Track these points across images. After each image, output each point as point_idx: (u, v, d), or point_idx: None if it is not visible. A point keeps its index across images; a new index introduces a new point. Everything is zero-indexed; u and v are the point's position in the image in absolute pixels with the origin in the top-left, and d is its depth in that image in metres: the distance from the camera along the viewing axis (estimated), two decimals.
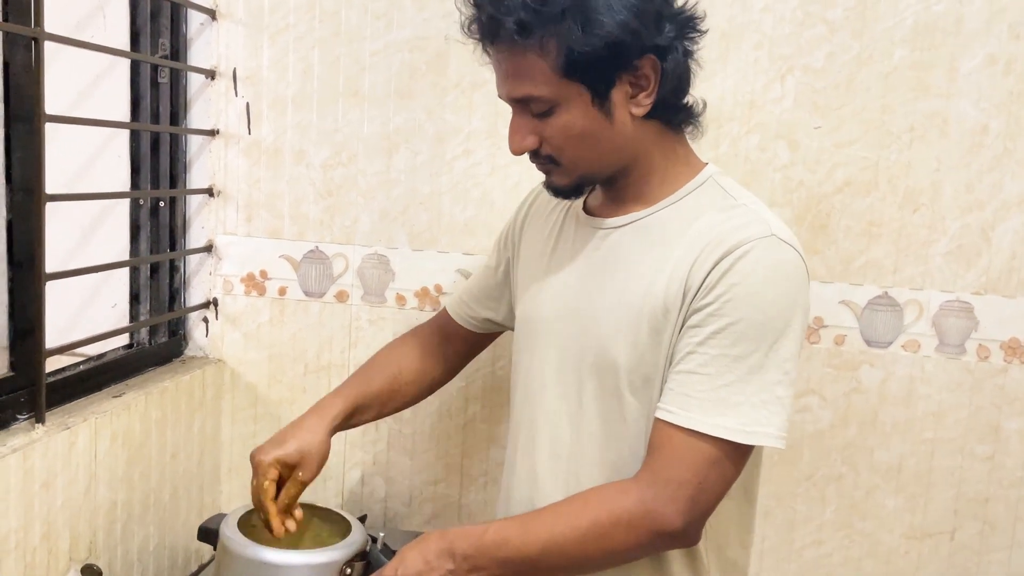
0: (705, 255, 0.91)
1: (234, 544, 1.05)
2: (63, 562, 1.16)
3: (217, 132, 1.52)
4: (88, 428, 1.19)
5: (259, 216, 1.53)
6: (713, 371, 0.89)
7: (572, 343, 1.01)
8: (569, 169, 0.97)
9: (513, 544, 0.92)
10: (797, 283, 0.91)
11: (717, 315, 0.89)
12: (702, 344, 0.90)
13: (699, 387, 0.89)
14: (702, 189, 0.98)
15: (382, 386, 1.20)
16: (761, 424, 0.89)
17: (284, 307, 1.55)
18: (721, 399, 0.88)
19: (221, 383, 1.57)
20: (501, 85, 0.96)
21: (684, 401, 0.90)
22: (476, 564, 0.93)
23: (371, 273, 1.52)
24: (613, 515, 0.90)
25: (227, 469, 1.60)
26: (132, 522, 1.32)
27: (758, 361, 0.88)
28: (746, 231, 0.91)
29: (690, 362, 0.90)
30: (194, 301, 1.57)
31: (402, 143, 1.48)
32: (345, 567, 1.06)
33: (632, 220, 0.99)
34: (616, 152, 0.96)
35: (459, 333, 1.27)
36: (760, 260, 0.89)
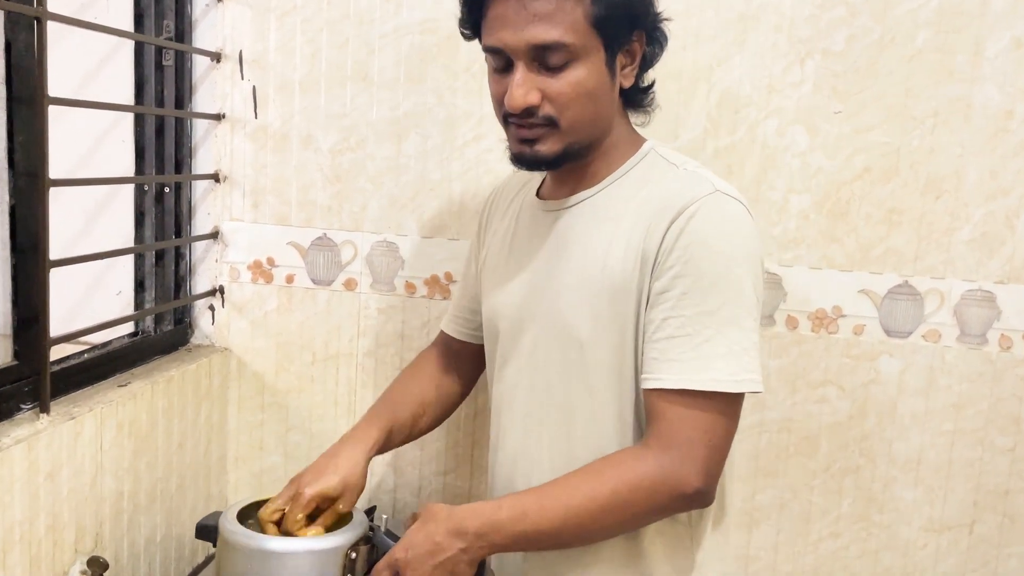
0: (656, 222, 0.94)
1: (236, 536, 1.03)
2: (68, 554, 1.14)
3: (223, 116, 1.49)
4: (94, 418, 1.17)
5: (266, 202, 1.51)
6: (691, 330, 0.91)
7: (537, 324, 1.04)
8: (565, 131, 0.95)
9: (531, 518, 0.93)
10: (747, 231, 0.95)
11: (681, 276, 0.92)
12: (674, 308, 0.92)
13: (682, 349, 0.91)
14: (644, 161, 1.01)
15: (410, 411, 1.20)
16: (746, 371, 0.92)
17: (291, 295, 1.52)
18: (705, 355, 0.91)
19: (227, 372, 1.55)
20: (519, 31, 0.91)
21: (672, 366, 0.92)
22: (491, 541, 0.93)
23: (380, 261, 1.49)
24: (632, 482, 0.91)
25: (233, 459, 1.58)
26: (138, 513, 1.30)
27: (730, 312, 0.91)
28: (691, 191, 0.94)
29: (667, 328, 0.93)
30: (200, 289, 1.54)
31: (412, 128, 1.45)
32: (350, 551, 1.04)
33: (581, 199, 1.02)
34: (605, 119, 0.99)
35: (464, 349, 1.27)
36: (709, 216, 0.92)
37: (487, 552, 0.95)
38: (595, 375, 0.99)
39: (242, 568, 1.03)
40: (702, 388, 0.90)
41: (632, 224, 0.96)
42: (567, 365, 1.01)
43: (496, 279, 1.12)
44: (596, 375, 0.99)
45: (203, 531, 1.12)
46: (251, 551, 1.01)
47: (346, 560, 1.03)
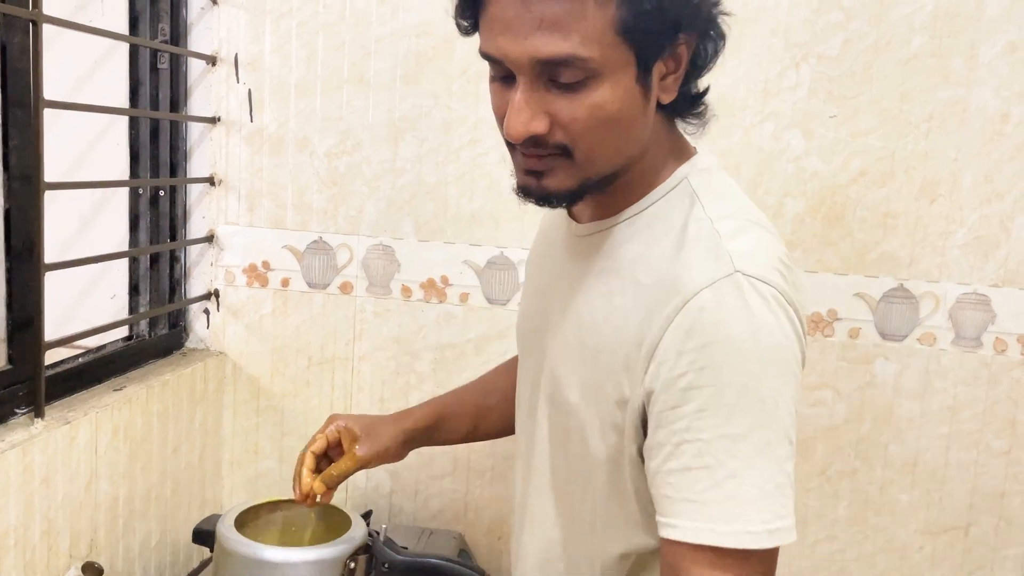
0: (656, 306, 0.73)
1: (232, 543, 1.03)
2: (63, 559, 1.13)
3: (218, 119, 1.49)
4: (89, 422, 1.16)
5: (261, 206, 1.50)
6: (712, 460, 0.69)
7: (536, 365, 0.90)
8: (580, 164, 0.74)
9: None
10: (781, 326, 0.71)
11: (696, 387, 0.70)
12: (689, 429, 0.70)
13: (702, 486, 0.70)
14: (670, 196, 0.79)
15: (473, 401, 1.12)
16: (780, 516, 0.70)
17: (287, 298, 1.52)
18: (731, 495, 0.69)
19: (223, 376, 1.54)
20: (520, 40, 0.69)
21: (691, 510, 0.70)
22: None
23: (376, 264, 1.49)
24: None
25: (229, 463, 1.57)
26: (133, 518, 1.29)
27: (761, 437, 0.69)
28: (701, 272, 0.72)
29: (682, 456, 0.71)
30: (195, 292, 1.54)
31: (408, 131, 1.45)
32: (348, 561, 1.04)
33: (594, 231, 0.83)
34: (632, 145, 0.76)
35: None
36: (729, 310, 0.70)
37: None
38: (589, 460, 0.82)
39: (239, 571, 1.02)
40: (730, 545, 0.68)
41: (633, 298, 0.77)
42: (557, 436, 0.86)
43: (526, 288, 1.00)
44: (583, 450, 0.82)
45: (200, 536, 1.12)
46: (248, 560, 1.01)
47: (345, 570, 1.03)
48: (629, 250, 0.79)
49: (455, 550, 1.38)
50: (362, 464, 1.03)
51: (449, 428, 1.09)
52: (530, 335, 0.92)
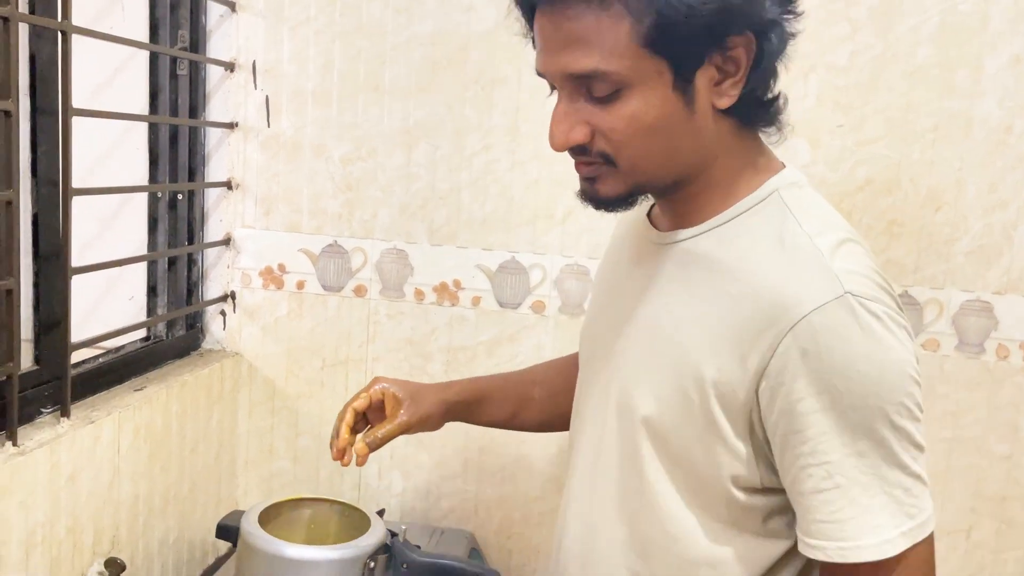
0: (759, 325, 0.73)
1: (256, 540, 1.06)
2: (87, 556, 1.16)
3: (236, 125, 1.52)
4: (112, 422, 1.19)
5: (277, 210, 1.53)
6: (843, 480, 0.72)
7: (604, 375, 0.88)
8: (625, 172, 0.76)
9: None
10: (897, 344, 0.72)
11: (817, 411, 0.72)
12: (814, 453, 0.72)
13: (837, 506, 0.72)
14: (760, 208, 0.78)
15: (516, 389, 1.09)
16: (912, 516, 0.72)
17: (302, 301, 1.55)
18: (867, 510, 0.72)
19: (238, 376, 1.57)
20: (553, 57, 0.74)
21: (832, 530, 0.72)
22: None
23: (390, 268, 1.52)
24: None
25: (243, 463, 1.60)
26: (153, 516, 1.32)
27: (886, 449, 0.72)
28: (809, 294, 0.72)
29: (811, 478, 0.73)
30: (212, 294, 1.57)
31: (422, 138, 1.47)
32: (368, 561, 1.07)
33: (675, 240, 0.82)
34: (687, 153, 0.77)
35: None
36: (841, 333, 0.71)
37: None
38: (660, 465, 0.82)
39: (262, 573, 1.05)
40: (874, 559, 0.71)
41: (727, 304, 0.76)
42: (627, 442, 0.84)
43: (595, 296, 0.99)
44: (662, 466, 0.81)
45: (223, 531, 1.15)
46: (273, 558, 1.04)
47: (365, 570, 1.06)
48: (715, 260, 0.78)
49: (466, 549, 1.41)
50: (404, 429, 0.98)
51: (489, 409, 1.06)
52: (597, 341, 0.91)
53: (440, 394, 1.02)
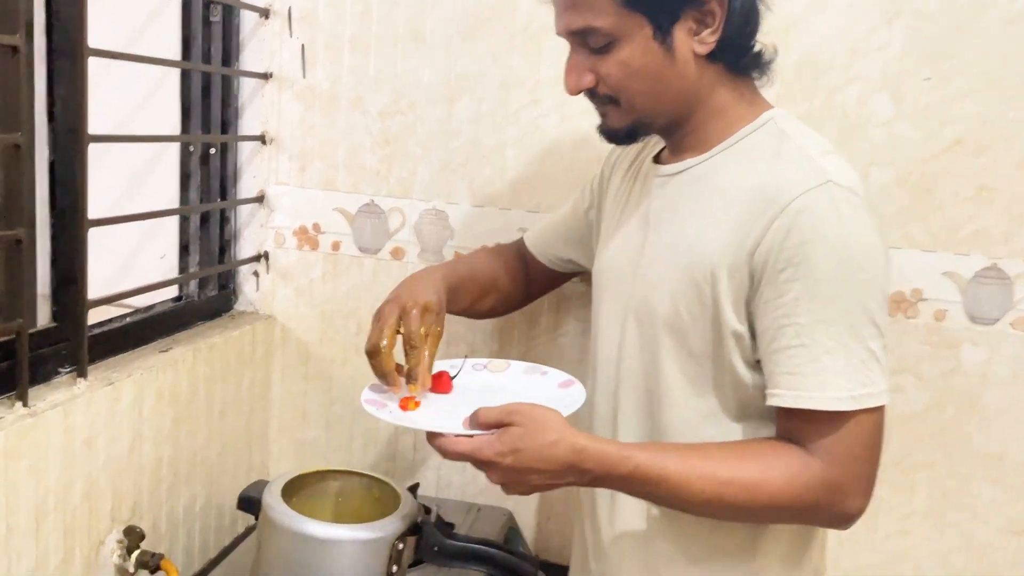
0: (756, 213, 0.86)
1: (278, 514, 0.99)
2: (105, 523, 1.11)
3: (270, 75, 1.44)
4: (133, 384, 1.13)
5: (313, 166, 1.45)
6: (808, 340, 0.84)
7: (625, 293, 1.00)
8: (626, 110, 0.93)
9: (668, 485, 0.85)
10: (866, 227, 0.85)
11: (794, 280, 0.84)
12: (789, 315, 0.85)
13: (799, 361, 0.85)
14: (758, 133, 0.93)
15: (483, 281, 1.17)
16: (865, 385, 0.84)
17: (337, 262, 1.47)
18: (825, 368, 0.84)
19: (271, 340, 1.51)
20: (559, 18, 0.92)
21: (791, 381, 0.85)
22: (608, 486, 0.90)
23: (429, 229, 1.43)
24: (796, 487, 0.85)
25: (276, 428, 1.55)
26: (178, 482, 1.27)
27: (850, 321, 0.84)
28: (799, 181, 0.85)
29: (782, 337, 0.85)
30: (245, 254, 1.50)
31: (465, 91, 1.38)
32: (397, 543, 0.99)
33: (686, 168, 0.96)
34: (676, 93, 0.92)
35: (539, 267, 1.25)
36: (821, 212, 0.84)
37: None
38: (676, 360, 0.94)
39: (284, 551, 0.99)
40: (823, 408, 0.84)
41: (731, 210, 0.89)
42: (647, 344, 0.96)
43: (605, 239, 1.08)
44: (677, 360, 0.94)
45: (246, 503, 1.09)
46: (294, 534, 0.97)
47: (392, 551, 0.98)
48: (723, 178, 0.92)
49: (503, 528, 1.33)
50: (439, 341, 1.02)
51: (457, 298, 1.10)
52: (614, 271, 1.03)
53: (442, 280, 1.06)
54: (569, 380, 1.01)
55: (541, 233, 1.25)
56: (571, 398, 0.95)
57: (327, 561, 0.97)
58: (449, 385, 1.01)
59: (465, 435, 0.86)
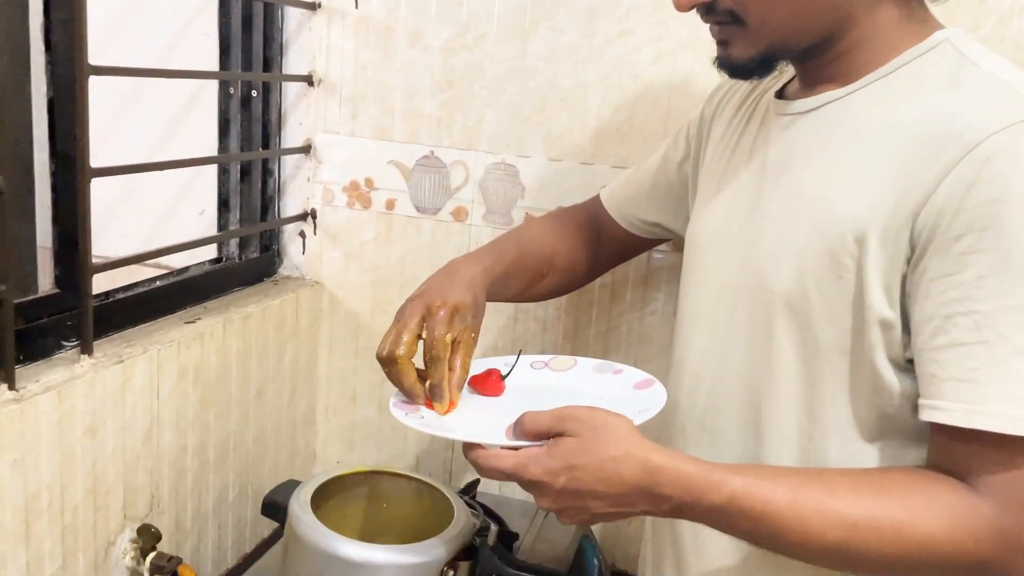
0: (925, 160, 0.64)
1: (305, 528, 0.82)
2: (115, 521, 0.96)
3: (319, 5, 1.25)
4: (148, 361, 0.97)
5: (365, 111, 1.26)
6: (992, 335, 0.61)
7: (730, 264, 0.79)
8: (755, 32, 0.71)
9: (771, 520, 0.63)
10: None
11: (977, 252, 0.62)
12: (965, 300, 0.62)
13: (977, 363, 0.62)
14: (927, 57, 0.70)
15: (536, 263, 0.96)
16: None
17: (392, 223, 1.29)
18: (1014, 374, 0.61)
19: (319, 309, 1.34)
20: None
21: (962, 390, 0.62)
22: (689, 517, 0.66)
23: (496, 187, 1.23)
24: (957, 543, 0.62)
25: (324, 409, 1.38)
26: (206, 470, 1.12)
27: None
28: (988, 118, 0.62)
29: (954, 328, 0.63)
30: (289, 212, 1.33)
31: (541, 21, 1.16)
32: (446, 569, 0.81)
33: (824, 103, 0.73)
34: (824, 8, 0.70)
35: (616, 232, 1.03)
36: (1021, 161, 0.61)
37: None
38: (795, 355, 0.72)
39: (310, 570, 0.82)
40: (1011, 432, 0.61)
41: (888, 150, 0.67)
42: (756, 333, 0.74)
43: (705, 196, 0.86)
44: (798, 355, 0.72)
45: (271, 508, 0.92)
46: (322, 554, 0.80)
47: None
48: (876, 114, 0.70)
49: (576, 538, 1.14)
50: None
51: (504, 288, 0.90)
52: (717, 235, 0.81)
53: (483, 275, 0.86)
54: (648, 380, 0.80)
55: (621, 190, 1.03)
56: (648, 401, 0.75)
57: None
58: (500, 386, 0.82)
59: (508, 447, 0.67)
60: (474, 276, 0.84)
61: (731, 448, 0.77)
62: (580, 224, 1.03)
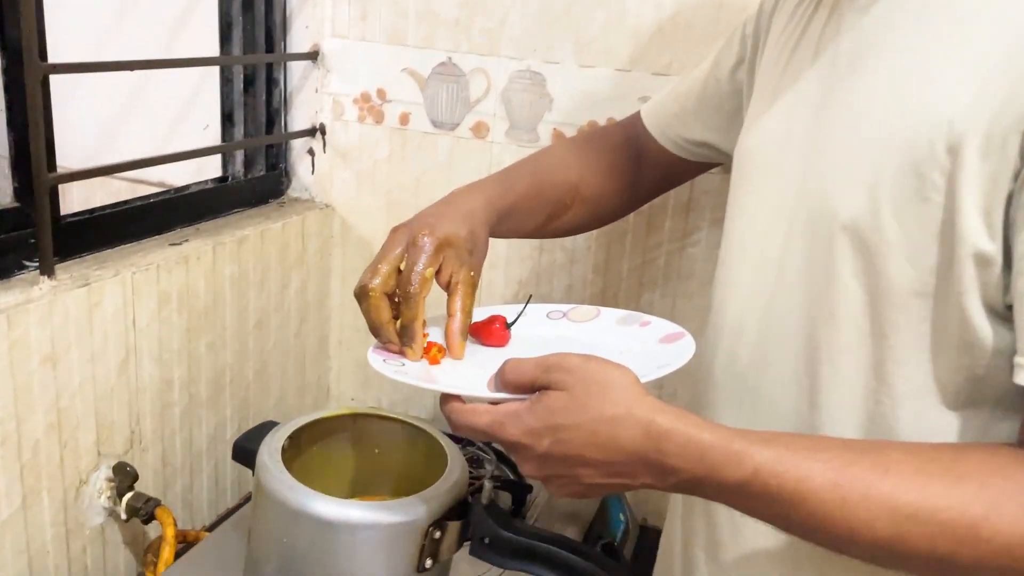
0: None
1: (273, 481, 0.72)
2: (88, 458, 0.88)
3: None
4: (120, 285, 0.88)
5: (376, 12, 1.12)
6: None
7: (785, 187, 0.63)
8: None
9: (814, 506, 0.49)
10: None
11: None
12: None
13: None
14: None
15: (556, 194, 0.82)
16: None
17: (406, 140, 1.16)
18: None
19: (329, 235, 1.23)
20: None
21: None
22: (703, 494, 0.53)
23: (520, 98, 1.09)
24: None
25: (337, 342, 1.29)
26: (197, 406, 1.03)
27: None
28: None
29: None
30: (297, 127, 1.21)
31: None
32: (432, 529, 0.70)
33: None
34: None
35: (658, 155, 0.86)
36: None
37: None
38: (863, 295, 0.57)
39: (278, 529, 0.72)
40: None
41: (994, 34, 0.51)
42: (817, 267, 0.59)
43: (759, 100, 0.71)
44: (865, 295, 0.57)
45: (242, 455, 0.83)
46: (291, 511, 0.70)
47: (426, 539, 0.70)
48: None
49: None
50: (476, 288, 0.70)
51: (515, 223, 0.77)
52: (772, 149, 0.66)
53: (482, 203, 0.72)
54: (677, 332, 0.67)
55: (664, 105, 0.86)
56: (671, 355, 0.62)
57: (334, 548, 0.70)
58: (503, 335, 0.70)
59: (486, 400, 0.55)
60: (473, 208, 0.71)
61: (779, 413, 0.62)
62: (614, 146, 0.88)
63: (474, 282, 0.70)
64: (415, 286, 0.65)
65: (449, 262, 0.68)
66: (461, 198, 0.73)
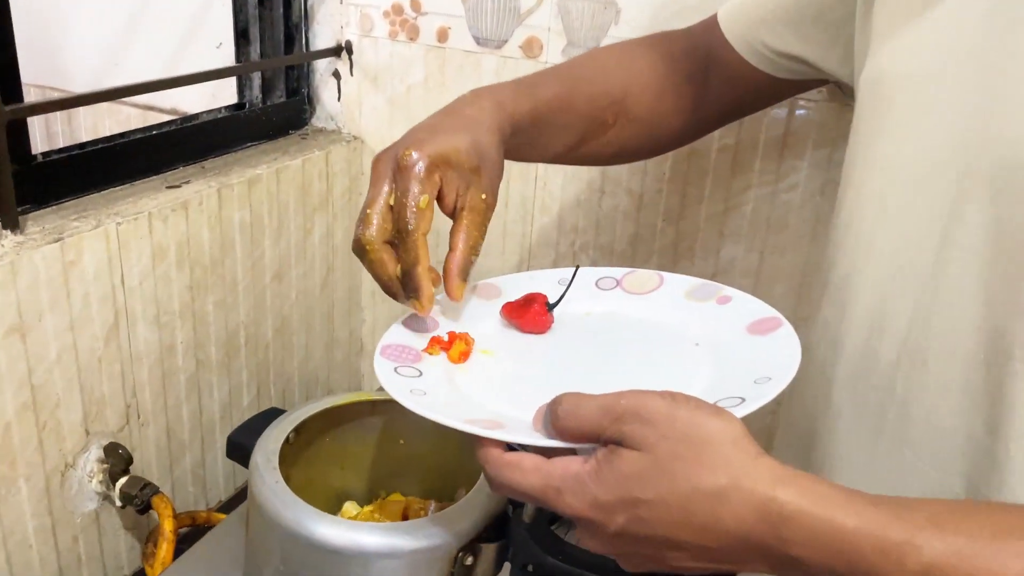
0: None
1: (268, 493, 0.58)
2: (73, 439, 0.76)
3: None
4: (101, 238, 0.74)
5: None
6: None
7: (950, 128, 0.47)
8: None
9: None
10: None
11: None
12: None
13: None
14: None
15: (593, 108, 0.65)
16: None
17: (445, 60, 0.99)
18: None
19: (358, 172, 1.08)
20: None
21: None
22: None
23: (580, 8, 0.90)
24: None
25: (371, 293, 1.15)
26: (206, 371, 0.90)
27: None
28: None
29: None
30: (320, 45, 1.05)
31: None
32: (462, 554, 0.57)
33: None
34: None
35: (735, 69, 0.67)
36: None
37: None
38: None
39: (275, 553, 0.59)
40: None
41: None
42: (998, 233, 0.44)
43: (899, 8, 0.51)
44: None
45: (236, 450, 0.69)
46: (289, 532, 0.57)
47: (455, 567, 0.56)
48: None
49: None
50: (491, 213, 0.55)
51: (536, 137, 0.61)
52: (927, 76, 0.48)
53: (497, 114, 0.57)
54: (770, 318, 0.50)
55: (748, 6, 0.66)
56: (768, 360, 0.46)
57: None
58: (544, 320, 0.54)
59: (535, 448, 0.41)
60: (479, 114, 0.56)
61: (940, 440, 0.46)
62: (675, 53, 0.69)
63: (484, 207, 0.54)
64: (410, 221, 0.50)
65: (451, 184, 0.53)
66: (465, 104, 0.58)
